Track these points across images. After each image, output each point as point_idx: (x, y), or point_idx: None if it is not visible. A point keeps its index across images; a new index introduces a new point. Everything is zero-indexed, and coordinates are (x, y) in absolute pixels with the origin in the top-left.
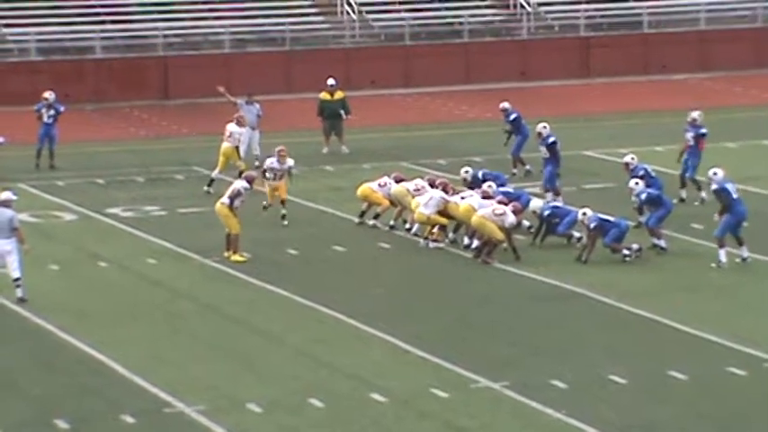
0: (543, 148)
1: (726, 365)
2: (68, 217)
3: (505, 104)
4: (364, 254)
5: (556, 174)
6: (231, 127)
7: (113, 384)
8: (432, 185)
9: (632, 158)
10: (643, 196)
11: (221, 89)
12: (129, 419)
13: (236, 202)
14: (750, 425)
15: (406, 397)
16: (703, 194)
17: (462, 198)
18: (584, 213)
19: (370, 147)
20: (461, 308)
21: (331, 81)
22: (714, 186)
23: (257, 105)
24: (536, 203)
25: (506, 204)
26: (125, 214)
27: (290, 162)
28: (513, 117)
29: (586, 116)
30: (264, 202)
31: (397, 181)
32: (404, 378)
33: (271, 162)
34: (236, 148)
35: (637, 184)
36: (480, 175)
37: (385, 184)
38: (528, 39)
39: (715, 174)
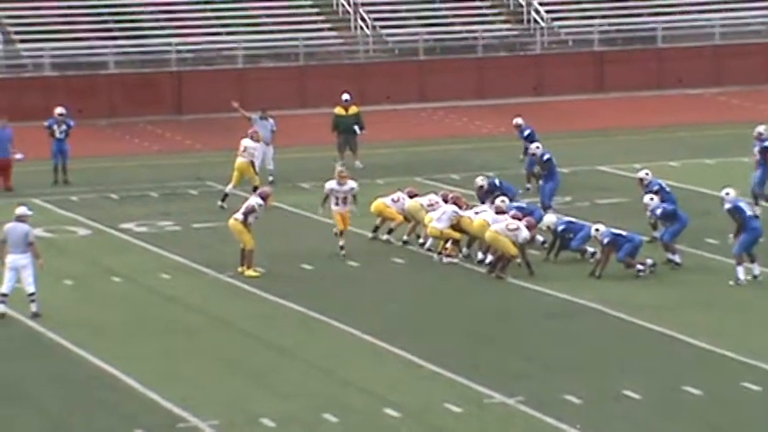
0: (538, 167)
1: (741, 381)
2: (82, 232)
3: (519, 120)
4: (378, 269)
5: (554, 191)
6: (246, 142)
7: (127, 399)
8: (445, 200)
9: (647, 174)
10: (658, 211)
11: (236, 104)
12: None
13: (250, 218)
14: None
15: (420, 412)
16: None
17: (476, 213)
18: (597, 230)
19: (384, 161)
20: (475, 323)
21: (345, 96)
22: (727, 206)
23: (271, 120)
24: (550, 219)
25: (520, 219)
26: (139, 229)
27: (351, 184)
28: (526, 133)
29: (600, 131)
30: (335, 230)
31: (411, 196)
32: (417, 393)
33: (330, 185)
34: (251, 163)
35: (652, 199)
36: (497, 182)
37: (398, 199)
38: (542, 53)
39: (727, 193)
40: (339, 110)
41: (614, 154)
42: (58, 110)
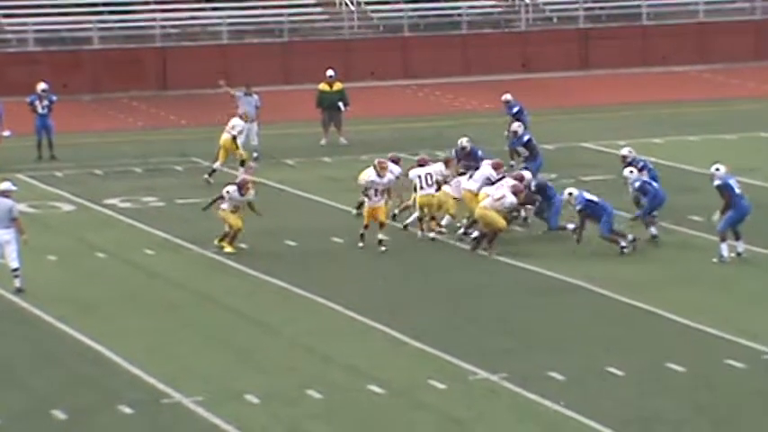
0: (521, 148)
1: (724, 358)
2: (66, 207)
3: (507, 96)
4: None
5: (537, 171)
6: (235, 121)
7: (111, 375)
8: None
9: (629, 151)
10: (637, 184)
11: (222, 82)
12: (127, 410)
13: (224, 205)
14: (748, 417)
15: (404, 388)
16: None
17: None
18: (570, 194)
19: (368, 138)
20: (460, 299)
21: (330, 72)
22: (717, 182)
23: (256, 96)
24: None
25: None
26: (123, 205)
27: (390, 176)
28: (515, 110)
29: (585, 108)
30: (361, 229)
31: (394, 161)
32: (401, 370)
33: (369, 176)
34: (234, 138)
35: (631, 172)
36: (480, 153)
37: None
38: (526, 30)
39: (717, 169)
40: (323, 86)
41: (599, 131)
42: (41, 86)
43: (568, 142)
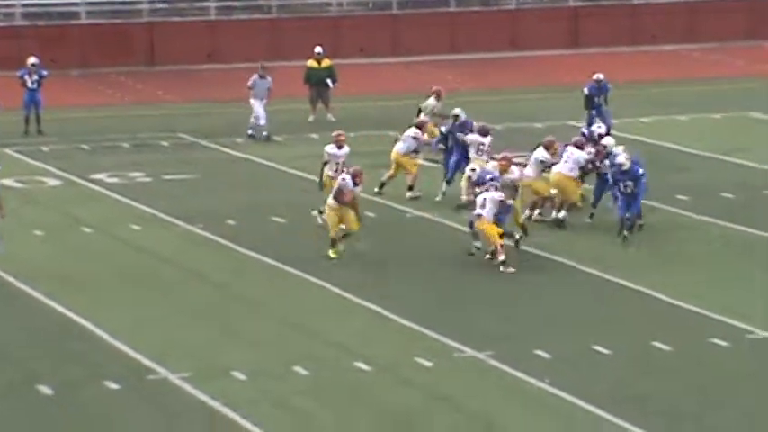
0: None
1: (709, 337)
2: (53, 182)
3: (600, 75)
4: None
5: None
6: (330, 149)
7: (97, 350)
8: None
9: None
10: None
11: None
12: (113, 385)
13: (330, 200)
14: (733, 396)
15: (390, 365)
16: None
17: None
18: (473, 170)
19: (356, 115)
20: (447, 277)
21: (318, 49)
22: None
23: (269, 79)
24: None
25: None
26: (110, 180)
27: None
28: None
29: (574, 86)
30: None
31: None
32: (388, 346)
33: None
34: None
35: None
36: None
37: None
38: (516, 8)
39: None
40: (312, 63)
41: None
42: (31, 60)
43: (556, 121)
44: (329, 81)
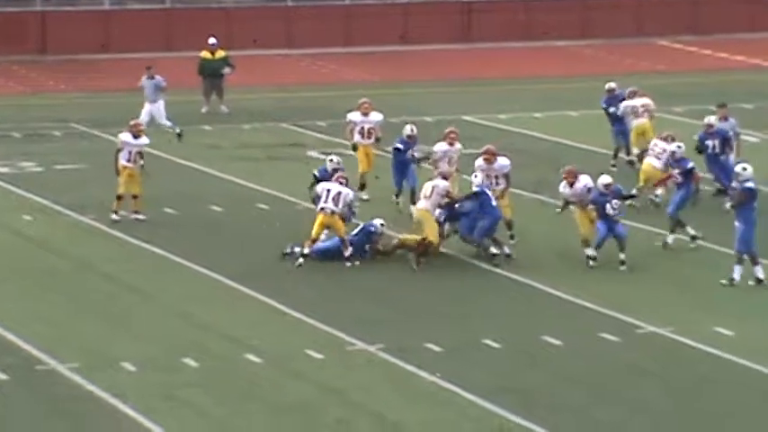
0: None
1: (599, 331)
2: None
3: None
4: (242, 214)
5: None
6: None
7: None
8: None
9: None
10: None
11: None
12: (1, 375)
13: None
14: (621, 390)
15: (281, 358)
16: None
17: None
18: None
19: (250, 107)
20: (338, 270)
21: (212, 40)
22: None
23: (158, 78)
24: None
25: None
26: (1, 170)
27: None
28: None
29: (467, 81)
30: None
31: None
32: (279, 339)
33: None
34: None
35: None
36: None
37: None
38: (409, 2)
39: (744, 169)
40: (205, 54)
41: (480, 104)
42: None
43: (449, 115)
44: (228, 68)
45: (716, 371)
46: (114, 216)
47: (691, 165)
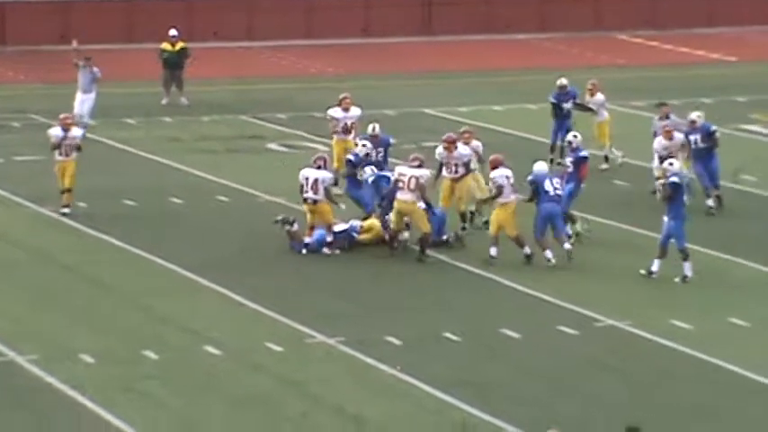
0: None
1: (558, 324)
2: None
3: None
4: (202, 206)
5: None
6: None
7: None
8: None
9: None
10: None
11: (75, 43)
12: None
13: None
14: (580, 383)
15: (240, 350)
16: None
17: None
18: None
19: (210, 99)
20: (297, 263)
21: (173, 32)
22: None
23: (94, 69)
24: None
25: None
26: None
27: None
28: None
29: (427, 73)
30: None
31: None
32: (238, 331)
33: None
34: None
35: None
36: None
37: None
38: None
39: (672, 164)
40: (166, 45)
41: (440, 97)
42: None
43: (410, 107)
44: (187, 60)
45: (674, 364)
46: (65, 210)
47: (584, 154)
